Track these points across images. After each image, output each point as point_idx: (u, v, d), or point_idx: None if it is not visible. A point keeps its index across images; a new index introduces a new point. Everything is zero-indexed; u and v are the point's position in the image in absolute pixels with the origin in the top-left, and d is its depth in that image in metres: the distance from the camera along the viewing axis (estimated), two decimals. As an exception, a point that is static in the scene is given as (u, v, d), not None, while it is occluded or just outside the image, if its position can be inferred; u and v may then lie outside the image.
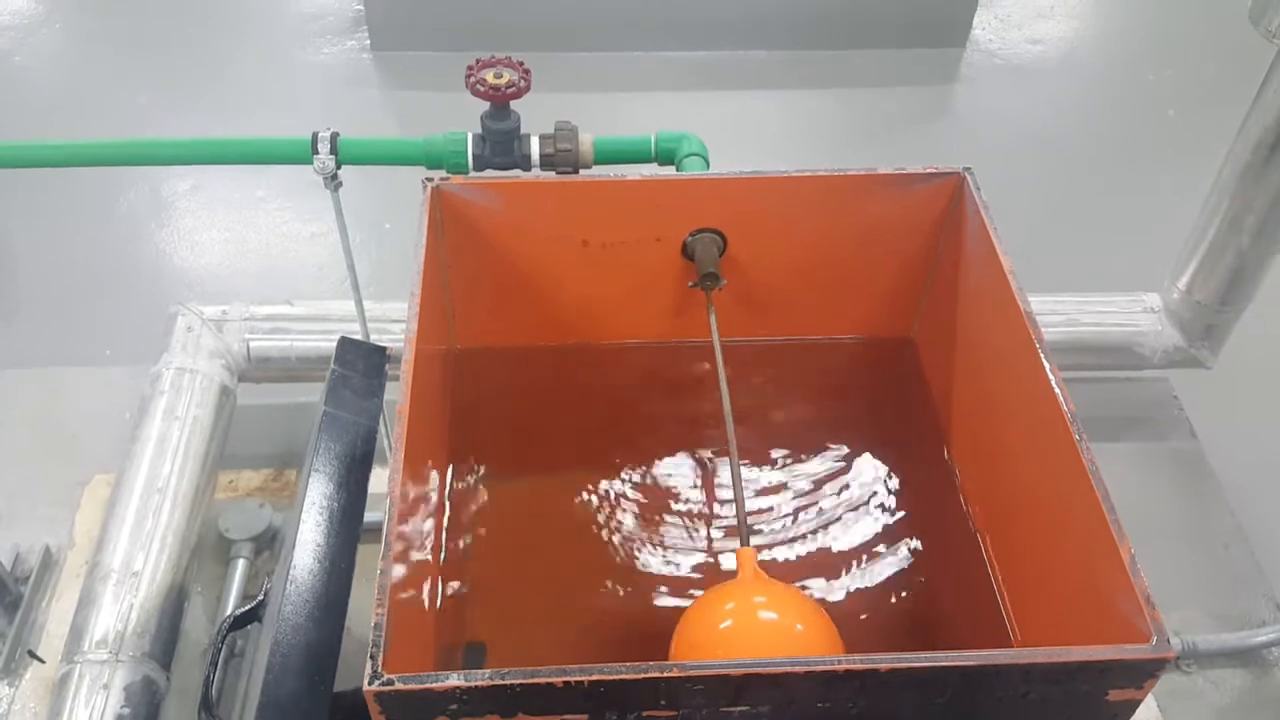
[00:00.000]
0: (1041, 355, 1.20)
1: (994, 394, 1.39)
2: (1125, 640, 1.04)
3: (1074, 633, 1.18)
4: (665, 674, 0.97)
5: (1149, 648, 1.00)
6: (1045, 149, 3.24)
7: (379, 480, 1.39)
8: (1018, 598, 1.34)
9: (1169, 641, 1.00)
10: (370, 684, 0.96)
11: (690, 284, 1.47)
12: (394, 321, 2.09)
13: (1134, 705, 1.06)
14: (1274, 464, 2.33)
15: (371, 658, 0.98)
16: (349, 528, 1.38)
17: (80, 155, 1.60)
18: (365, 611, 1.08)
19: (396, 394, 1.25)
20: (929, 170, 1.44)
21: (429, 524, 1.47)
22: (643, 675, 0.97)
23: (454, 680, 0.96)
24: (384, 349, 1.60)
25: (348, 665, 1.31)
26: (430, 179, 1.41)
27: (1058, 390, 1.17)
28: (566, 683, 0.97)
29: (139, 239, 2.84)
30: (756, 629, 1.22)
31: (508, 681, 0.96)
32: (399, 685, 0.96)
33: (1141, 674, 1.02)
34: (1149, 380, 2.39)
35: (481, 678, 0.96)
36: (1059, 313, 2.23)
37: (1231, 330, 2.20)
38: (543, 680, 0.96)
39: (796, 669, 0.99)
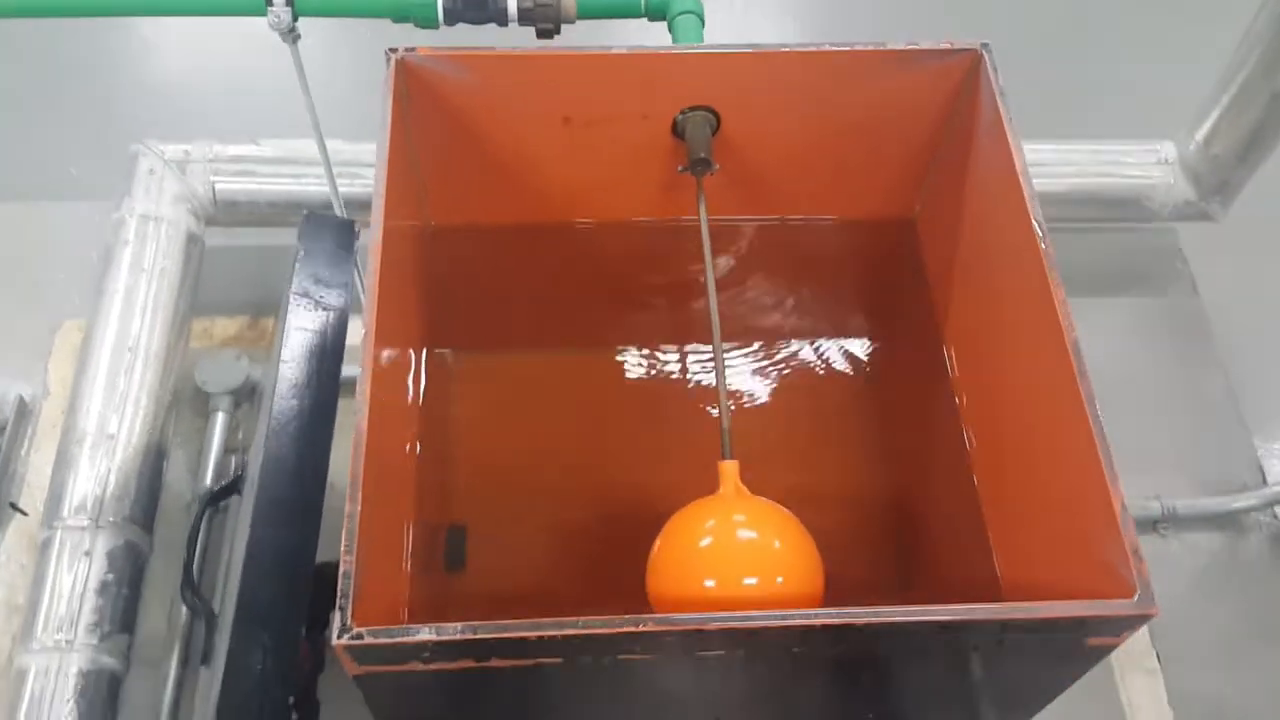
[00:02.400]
0: (1050, 281, 1.13)
1: (997, 294, 1.33)
2: (1107, 586, 1.02)
3: (1056, 562, 1.17)
4: (640, 628, 0.95)
5: (1132, 604, 0.98)
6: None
7: (356, 331, 1.32)
8: (1001, 512, 1.32)
9: (1153, 597, 0.98)
10: (339, 637, 0.94)
11: (680, 168, 1.38)
12: (367, 165, 1.98)
13: (1111, 648, 1.05)
14: (1272, 324, 2.29)
15: (340, 609, 0.95)
16: (321, 424, 1.34)
17: (22, 6, 1.46)
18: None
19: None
20: (944, 46, 1.32)
21: (405, 409, 1.44)
22: (617, 630, 0.95)
23: (425, 634, 0.94)
24: (353, 223, 1.52)
25: (329, 532, 1.30)
26: (394, 50, 1.29)
27: (1063, 320, 1.11)
28: (540, 637, 0.95)
29: (97, 60, 2.66)
30: (736, 548, 1.20)
31: (479, 636, 0.94)
32: (369, 639, 0.94)
33: (1121, 626, 1.01)
34: (1155, 229, 2.30)
35: (453, 632, 0.94)
36: (1069, 163, 2.13)
37: (1246, 185, 2.11)
38: (515, 635, 0.95)
39: (772, 624, 0.97)
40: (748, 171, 1.45)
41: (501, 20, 1.45)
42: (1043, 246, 1.16)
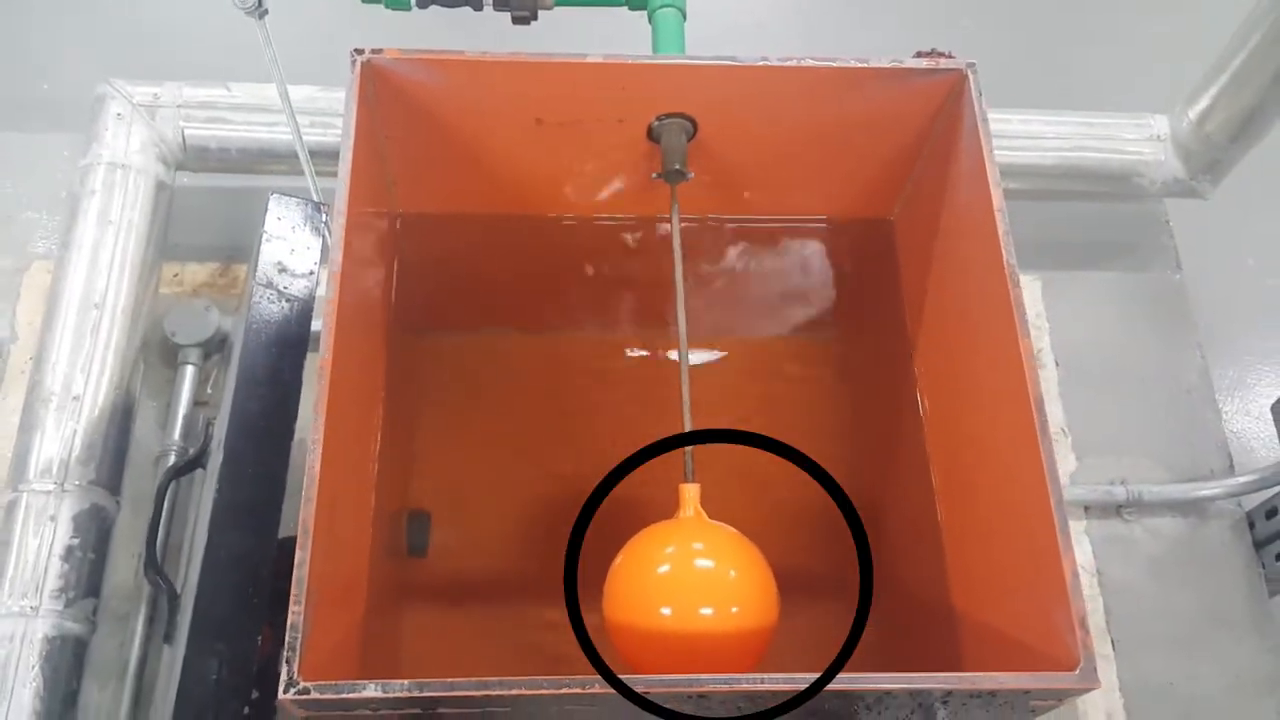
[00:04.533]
0: (1019, 336, 1.11)
1: (966, 325, 1.31)
2: (1051, 648, 1.04)
3: (1005, 594, 1.18)
4: (586, 690, 0.96)
5: (1074, 677, 0.99)
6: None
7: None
8: (958, 530, 1.33)
9: (1094, 672, 0.99)
10: (285, 692, 0.95)
11: (654, 175, 1.34)
12: (340, 115, 1.92)
13: (1054, 707, 1.07)
14: (1251, 304, 2.27)
15: (287, 662, 0.96)
16: (281, 423, 1.33)
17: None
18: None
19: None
20: (929, 65, 1.27)
21: (369, 393, 1.42)
22: (562, 691, 0.96)
23: (371, 691, 0.95)
24: (321, 205, 1.48)
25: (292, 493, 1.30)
26: (360, 51, 1.24)
27: (1028, 375, 1.09)
28: (487, 696, 0.96)
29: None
30: (692, 577, 1.20)
31: (426, 694, 0.95)
32: (315, 694, 0.95)
33: (1063, 694, 1.02)
34: (1143, 199, 2.26)
35: (399, 689, 0.95)
36: (1061, 136, 2.07)
37: (1236, 165, 2.07)
38: (462, 694, 0.95)
39: (720, 687, 0.98)
40: (725, 173, 1.42)
41: (476, 5, 1.40)
42: (1013, 292, 1.13)
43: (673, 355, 1.53)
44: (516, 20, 1.41)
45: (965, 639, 1.26)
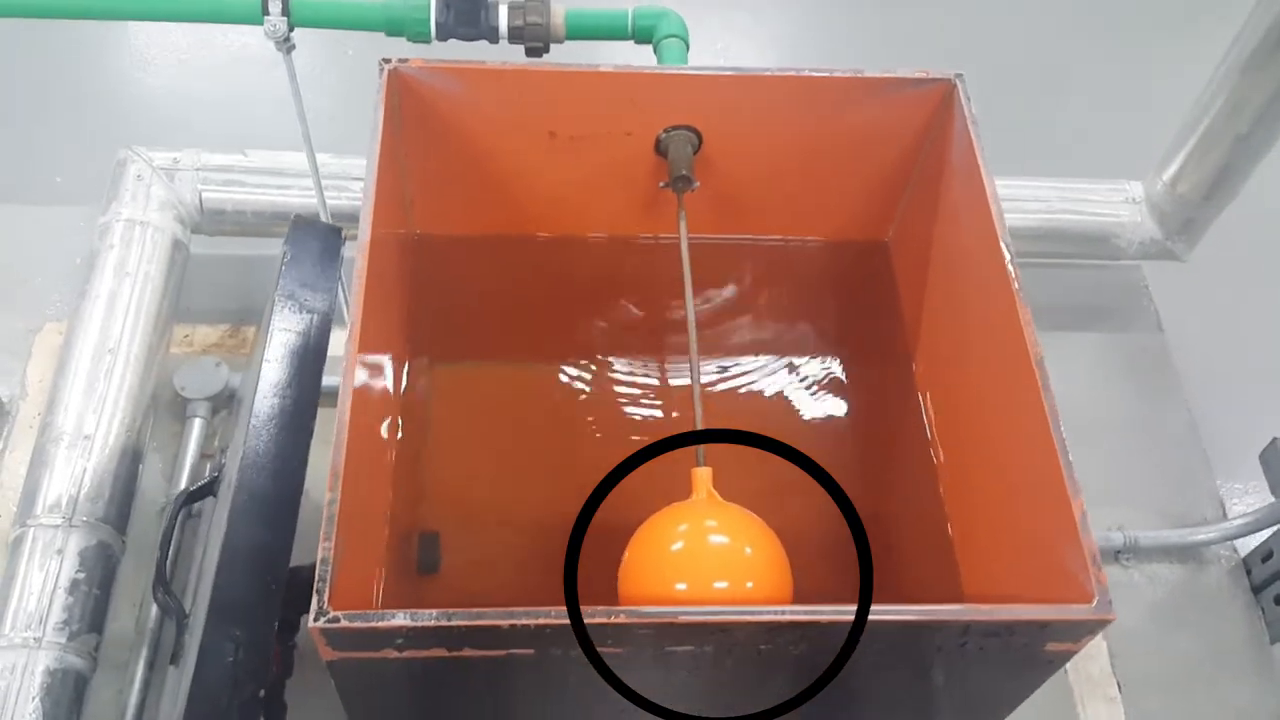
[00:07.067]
0: (1017, 297, 1.17)
1: (965, 314, 1.37)
2: (1067, 592, 1.05)
3: (1018, 573, 1.20)
4: (612, 620, 0.97)
5: (1090, 609, 1.01)
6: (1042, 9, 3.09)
7: (337, 341, 1.34)
8: (967, 525, 1.35)
9: (1110, 604, 1.01)
10: (316, 620, 0.96)
11: (661, 184, 1.41)
12: (354, 179, 2.02)
13: (1070, 655, 1.08)
14: (1234, 361, 2.34)
15: (317, 593, 0.97)
16: (301, 424, 1.35)
17: (14, 7, 1.49)
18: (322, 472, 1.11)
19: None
20: (919, 75, 1.36)
21: (384, 413, 1.46)
22: (590, 621, 0.97)
23: (400, 620, 0.96)
24: (340, 229, 1.54)
25: (302, 538, 1.31)
26: (387, 60, 1.33)
27: (1028, 338, 1.15)
28: (513, 626, 0.97)
29: (86, 61, 2.68)
30: (707, 552, 1.22)
31: (454, 623, 0.96)
32: (345, 623, 0.96)
33: (1080, 631, 1.04)
34: (1121, 266, 2.36)
35: (428, 618, 0.96)
36: (1039, 199, 2.18)
37: (1210, 225, 2.17)
38: (489, 623, 0.97)
39: (741, 619, 0.99)
40: (728, 190, 1.49)
41: (492, 38, 1.49)
42: (1010, 268, 1.19)
43: (678, 381, 1.57)
44: (530, 52, 1.50)
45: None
